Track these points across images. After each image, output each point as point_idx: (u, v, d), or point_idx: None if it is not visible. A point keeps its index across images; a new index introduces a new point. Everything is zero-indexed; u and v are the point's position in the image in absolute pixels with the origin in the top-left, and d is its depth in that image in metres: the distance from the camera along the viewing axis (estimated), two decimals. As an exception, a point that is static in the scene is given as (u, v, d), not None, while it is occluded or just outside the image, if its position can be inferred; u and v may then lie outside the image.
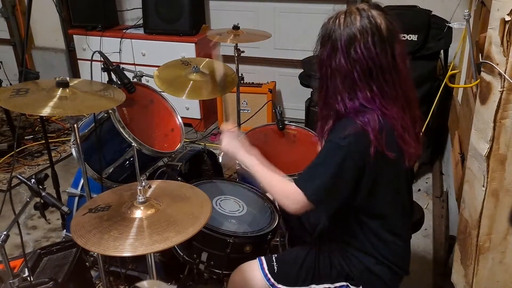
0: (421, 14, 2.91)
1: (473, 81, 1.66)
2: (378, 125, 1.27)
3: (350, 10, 1.32)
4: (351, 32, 1.28)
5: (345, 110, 1.31)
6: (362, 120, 1.27)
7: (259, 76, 3.92)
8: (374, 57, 1.28)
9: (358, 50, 1.27)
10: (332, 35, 1.31)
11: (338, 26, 1.31)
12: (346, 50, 1.29)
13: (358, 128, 1.27)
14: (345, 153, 1.28)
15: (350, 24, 1.29)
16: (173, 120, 2.19)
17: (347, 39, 1.28)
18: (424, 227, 2.47)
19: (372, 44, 1.27)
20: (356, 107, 1.30)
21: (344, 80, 1.31)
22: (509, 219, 1.41)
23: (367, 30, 1.27)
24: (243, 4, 3.80)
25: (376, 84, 1.29)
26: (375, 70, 1.28)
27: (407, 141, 1.32)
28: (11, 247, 2.28)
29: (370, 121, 1.27)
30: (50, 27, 4.37)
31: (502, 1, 1.28)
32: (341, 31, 1.30)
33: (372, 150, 1.26)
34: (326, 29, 1.34)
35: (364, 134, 1.26)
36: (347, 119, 1.31)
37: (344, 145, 1.27)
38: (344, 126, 1.30)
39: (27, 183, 1.41)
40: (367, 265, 1.44)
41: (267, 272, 1.49)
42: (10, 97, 1.55)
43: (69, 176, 2.95)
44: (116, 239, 1.15)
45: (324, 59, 1.33)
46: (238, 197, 1.88)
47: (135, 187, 1.30)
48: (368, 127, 1.26)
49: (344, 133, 1.28)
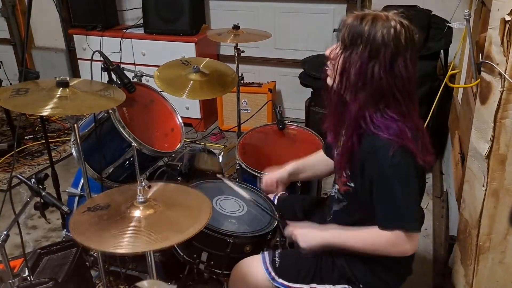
0: (421, 14, 2.91)
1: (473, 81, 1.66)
2: (411, 134, 1.25)
3: (387, 16, 1.25)
4: (399, 45, 1.22)
5: (373, 127, 1.26)
6: (394, 134, 1.24)
7: (259, 76, 3.92)
8: (411, 76, 1.26)
9: (401, 66, 1.23)
10: (370, 40, 1.22)
11: (380, 33, 1.22)
12: (389, 62, 1.22)
13: (396, 143, 1.23)
14: (403, 167, 1.25)
15: (395, 35, 1.22)
16: (173, 120, 2.19)
17: (393, 52, 1.22)
18: (424, 227, 2.47)
19: (410, 61, 1.25)
20: (384, 122, 1.26)
21: (374, 92, 1.25)
22: (509, 219, 1.41)
23: (408, 45, 1.24)
24: (243, 4, 3.80)
25: (404, 100, 1.27)
26: (410, 87, 1.27)
27: (428, 149, 1.32)
28: (11, 247, 2.28)
29: (402, 133, 1.25)
30: (50, 27, 4.37)
31: (502, 1, 1.28)
32: (387, 40, 1.22)
33: (419, 158, 1.25)
34: (358, 30, 1.24)
35: (404, 145, 1.24)
36: (373, 136, 1.27)
37: (398, 161, 1.24)
38: (381, 146, 1.25)
39: (27, 183, 1.41)
40: (373, 269, 1.44)
41: (268, 266, 1.49)
42: (10, 97, 1.55)
43: (69, 176, 2.95)
44: (116, 237, 1.15)
45: (353, 64, 1.26)
46: (238, 197, 1.88)
47: (134, 187, 1.30)
48: (403, 139, 1.24)
49: (388, 153, 1.23)
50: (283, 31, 3.75)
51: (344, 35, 1.28)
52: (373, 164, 1.29)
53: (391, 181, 1.27)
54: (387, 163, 1.25)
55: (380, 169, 1.28)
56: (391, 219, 1.29)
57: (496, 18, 1.31)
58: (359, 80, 1.26)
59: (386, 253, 1.33)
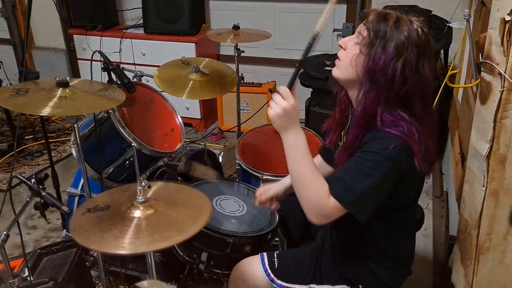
0: (421, 14, 2.90)
1: (473, 81, 1.66)
2: (418, 137, 1.23)
3: (409, 19, 1.26)
4: (422, 46, 1.23)
5: (381, 124, 1.24)
6: (402, 131, 1.22)
7: (259, 76, 3.92)
8: (431, 80, 1.26)
9: (426, 66, 1.24)
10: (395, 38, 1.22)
11: (406, 33, 1.22)
12: (415, 61, 1.22)
13: (401, 139, 1.21)
14: (392, 164, 1.21)
15: (418, 36, 1.23)
16: (173, 120, 2.19)
17: (419, 52, 1.22)
18: (424, 227, 2.47)
19: (430, 64, 1.25)
20: (392, 120, 1.24)
21: (395, 90, 1.23)
22: (509, 219, 1.41)
23: (428, 48, 1.25)
24: (243, 4, 3.80)
25: (423, 103, 1.27)
26: (428, 91, 1.27)
27: (431, 157, 1.31)
28: (11, 247, 2.28)
29: (410, 133, 1.22)
30: (50, 27, 4.38)
31: (502, 1, 1.28)
32: (412, 40, 1.22)
33: (417, 162, 1.22)
34: (383, 26, 1.24)
35: (407, 145, 1.22)
36: (381, 130, 1.24)
37: (393, 156, 1.20)
38: (385, 137, 1.23)
39: (27, 183, 1.41)
40: (372, 269, 1.44)
41: (267, 267, 1.49)
42: (10, 97, 1.55)
43: (69, 176, 2.95)
44: (116, 238, 1.15)
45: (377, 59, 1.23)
46: (238, 197, 1.88)
47: (134, 187, 1.30)
48: (409, 139, 1.22)
49: (389, 144, 1.20)
50: (283, 31, 3.75)
51: (368, 28, 1.26)
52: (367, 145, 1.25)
53: (371, 160, 1.22)
54: (381, 148, 1.21)
55: (371, 148, 1.23)
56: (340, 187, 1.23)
57: (496, 18, 1.31)
58: (382, 77, 1.23)
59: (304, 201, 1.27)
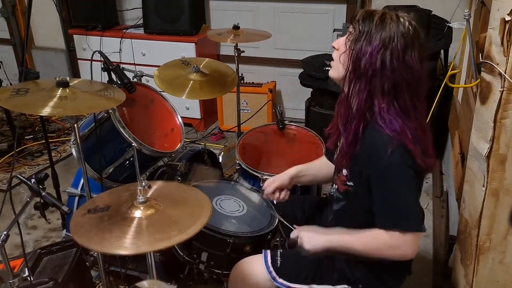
0: (421, 14, 2.90)
1: (473, 81, 1.66)
2: (411, 135, 1.25)
3: (396, 14, 1.28)
4: (409, 38, 1.24)
5: (379, 118, 1.26)
6: (394, 130, 1.24)
7: (259, 76, 3.92)
8: (421, 72, 1.27)
9: (413, 57, 1.25)
10: (381, 31, 1.25)
11: (390, 26, 1.25)
12: (401, 52, 1.24)
13: (395, 140, 1.24)
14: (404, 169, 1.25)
15: (404, 28, 1.25)
16: (173, 120, 2.19)
17: (405, 43, 1.24)
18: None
19: (419, 56, 1.26)
20: (389, 116, 1.26)
21: (384, 82, 1.26)
22: (509, 219, 1.41)
23: (416, 40, 1.26)
24: (243, 4, 3.80)
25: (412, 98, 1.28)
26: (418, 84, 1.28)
27: (429, 152, 1.32)
28: (11, 247, 2.28)
29: (402, 132, 1.24)
30: (50, 27, 4.37)
31: (502, 1, 1.28)
32: (397, 32, 1.24)
33: (417, 160, 1.25)
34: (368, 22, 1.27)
35: (403, 144, 1.24)
36: (375, 130, 1.27)
37: (399, 162, 1.24)
38: (381, 143, 1.25)
39: (27, 183, 1.41)
40: (372, 269, 1.44)
41: (269, 265, 1.49)
42: (10, 97, 1.55)
43: (69, 176, 2.95)
44: (118, 238, 1.15)
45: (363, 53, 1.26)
46: (238, 197, 1.88)
47: (134, 187, 1.30)
48: (404, 139, 1.24)
49: (387, 151, 1.23)
50: (283, 31, 3.75)
51: (355, 27, 1.29)
52: (372, 162, 1.29)
53: (389, 180, 1.27)
54: (385, 161, 1.25)
55: (379, 168, 1.28)
56: (388, 218, 1.28)
57: (496, 18, 1.31)
58: (369, 69, 1.26)
59: (387, 255, 1.31)
